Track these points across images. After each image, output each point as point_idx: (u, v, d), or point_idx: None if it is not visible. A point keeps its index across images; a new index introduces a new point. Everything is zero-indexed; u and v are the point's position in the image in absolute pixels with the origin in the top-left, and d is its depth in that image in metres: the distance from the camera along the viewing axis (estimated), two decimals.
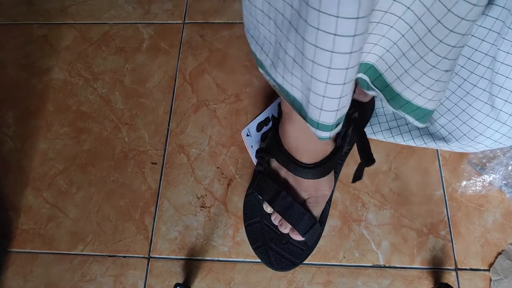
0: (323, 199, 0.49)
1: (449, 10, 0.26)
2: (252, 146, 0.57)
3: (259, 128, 0.58)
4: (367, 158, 0.45)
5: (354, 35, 0.25)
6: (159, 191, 0.56)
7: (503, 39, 0.39)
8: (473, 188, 0.53)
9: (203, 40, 0.67)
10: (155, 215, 0.55)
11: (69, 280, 0.52)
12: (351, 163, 0.56)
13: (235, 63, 0.65)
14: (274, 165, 0.51)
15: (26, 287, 0.52)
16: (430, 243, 0.51)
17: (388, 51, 0.32)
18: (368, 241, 0.52)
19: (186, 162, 0.58)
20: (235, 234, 0.53)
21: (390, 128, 0.54)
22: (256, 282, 0.51)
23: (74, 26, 0.70)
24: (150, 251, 0.53)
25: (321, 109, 0.32)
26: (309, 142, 0.43)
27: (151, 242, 0.54)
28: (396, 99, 0.35)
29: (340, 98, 0.30)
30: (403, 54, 0.31)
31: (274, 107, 0.59)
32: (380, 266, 0.51)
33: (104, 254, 0.53)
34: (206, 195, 0.56)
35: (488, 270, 0.50)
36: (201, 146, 0.59)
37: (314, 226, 0.46)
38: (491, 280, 0.49)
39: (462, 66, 0.44)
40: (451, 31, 0.26)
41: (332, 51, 0.26)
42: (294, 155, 0.45)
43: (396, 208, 0.53)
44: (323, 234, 0.52)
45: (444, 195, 0.54)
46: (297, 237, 0.48)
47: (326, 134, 0.35)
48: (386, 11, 0.28)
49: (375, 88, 0.36)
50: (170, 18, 0.70)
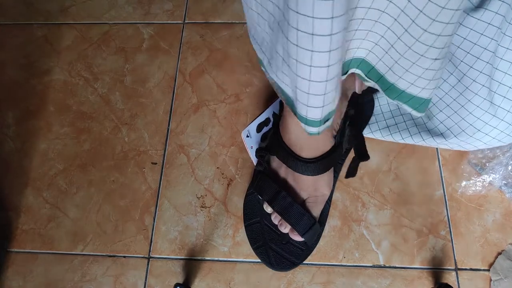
0: (322, 199, 0.49)
1: (429, 0, 0.26)
2: (252, 147, 0.57)
3: (259, 129, 0.58)
4: (361, 153, 0.47)
5: (331, 34, 0.26)
6: (159, 191, 0.56)
7: (503, 34, 0.39)
8: (473, 188, 0.53)
9: (203, 40, 0.67)
10: (155, 215, 0.55)
11: (69, 280, 0.52)
12: None
13: (235, 63, 0.65)
14: (274, 165, 0.51)
15: (26, 287, 0.52)
16: (430, 243, 0.51)
17: (377, 44, 0.32)
18: (368, 241, 0.52)
19: (186, 162, 0.58)
20: (235, 234, 0.53)
21: (388, 126, 0.54)
22: (256, 282, 0.51)
23: (74, 26, 0.70)
24: (150, 251, 0.53)
25: (307, 105, 0.33)
26: (308, 137, 0.44)
27: (151, 242, 0.54)
28: (391, 89, 0.36)
29: (324, 95, 0.31)
30: (391, 46, 0.31)
31: (274, 107, 0.59)
32: (380, 266, 0.51)
33: (104, 254, 0.53)
34: (206, 195, 0.56)
35: (488, 270, 0.50)
36: (201, 146, 0.59)
37: (313, 227, 0.46)
38: (491, 280, 0.49)
39: (462, 60, 0.44)
40: (434, 20, 0.27)
41: (312, 50, 0.27)
42: (294, 150, 0.46)
43: (396, 208, 0.53)
44: (323, 234, 0.52)
45: (444, 195, 0.54)
46: (296, 237, 0.48)
47: (314, 130, 0.37)
48: (369, 7, 0.29)
49: (370, 80, 0.37)
50: (170, 18, 0.70)
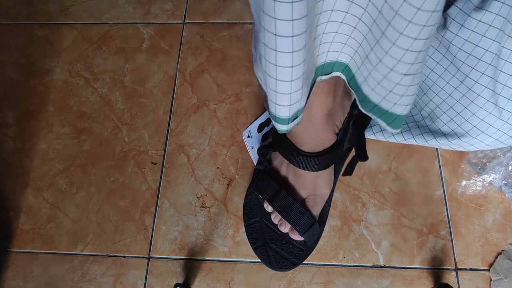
0: (322, 198, 0.49)
1: (396, 12, 0.25)
2: (252, 147, 0.57)
3: (260, 129, 0.58)
4: (361, 153, 0.48)
5: (293, 36, 0.27)
6: (159, 191, 0.56)
7: (507, 36, 0.39)
8: (473, 188, 0.53)
9: (203, 40, 0.67)
10: (155, 215, 0.55)
11: (69, 280, 0.52)
12: None
13: (235, 63, 0.65)
14: (275, 162, 0.51)
15: (26, 287, 0.52)
16: (430, 243, 0.51)
17: (356, 51, 0.33)
18: (368, 241, 0.52)
19: (186, 162, 0.58)
20: (235, 234, 0.53)
21: None
22: (256, 282, 0.51)
23: (75, 26, 0.70)
24: (150, 251, 0.53)
25: (276, 103, 0.34)
26: (310, 130, 0.44)
27: (151, 242, 0.54)
28: (365, 102, 0.36)
29: (290, 94, 0.32)
30: (366, 56, 0.31)
31: None
32: (380, 266, 0.51)
33: (104, 254, 0.53)
34: (206, 195, 0.56)
35: (488, 270, 0.50)
36: (201, 146, 0.59)
37: (313, 226, 0.46)
38: (491, 280, 0.49)
39: (463, 62, 0.44)
40: (401, 34, 0.26)
41: (276, 50, 0.28)
42: (296, 144, 0.46)
43: (396, 208, 0.53)
44: (323, 234, 0.52)
45: (444, 195, 0.54)
46: (296, 237, 0.48)
47: (283, 127, 0.38)
48: (346, 12, 0.29)
49: (351, 88, 0.37)
50: (170, 18, 0.70)
